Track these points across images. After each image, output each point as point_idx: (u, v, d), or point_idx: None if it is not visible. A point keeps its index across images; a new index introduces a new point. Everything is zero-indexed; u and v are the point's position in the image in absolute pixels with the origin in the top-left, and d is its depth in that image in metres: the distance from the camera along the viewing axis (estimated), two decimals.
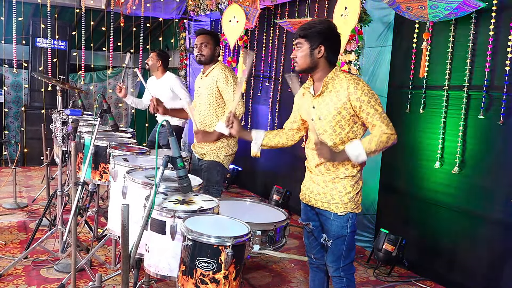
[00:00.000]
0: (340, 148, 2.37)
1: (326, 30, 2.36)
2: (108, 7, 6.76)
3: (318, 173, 2.49)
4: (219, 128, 3.35)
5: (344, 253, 2.46)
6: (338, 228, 2.43)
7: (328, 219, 2.45)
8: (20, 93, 7.65)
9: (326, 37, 2.35)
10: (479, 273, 3.42)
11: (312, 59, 2.36)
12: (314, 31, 2.35)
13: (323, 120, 2.39)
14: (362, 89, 2.29)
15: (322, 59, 2.37)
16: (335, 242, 2.44)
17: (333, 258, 2.48)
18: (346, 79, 2.33)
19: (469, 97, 3.48)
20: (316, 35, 2.34)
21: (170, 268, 2.13)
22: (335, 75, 2.37)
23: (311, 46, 2.35)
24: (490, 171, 3.36)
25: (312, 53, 2.35)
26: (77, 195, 2.70)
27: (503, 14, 3.25)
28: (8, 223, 4.49)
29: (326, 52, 2.35)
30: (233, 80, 3.42)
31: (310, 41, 2.34)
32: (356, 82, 2.31)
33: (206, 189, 3.51)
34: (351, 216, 2.43)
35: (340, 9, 4.14)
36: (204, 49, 3.48)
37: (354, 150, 2.30)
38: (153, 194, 2.02)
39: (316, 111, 2.42)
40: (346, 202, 2.40)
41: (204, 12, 6.87)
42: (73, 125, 3.31)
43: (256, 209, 2.80)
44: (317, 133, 2.42)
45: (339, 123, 2.35)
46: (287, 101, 5.69)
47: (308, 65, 2.38)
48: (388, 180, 4.28)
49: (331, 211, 2.43)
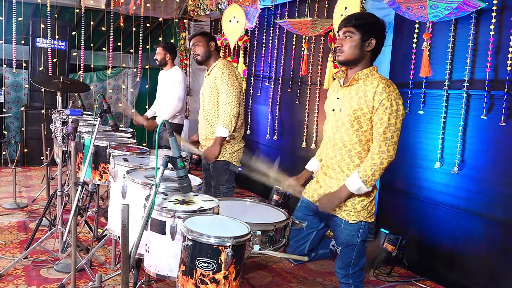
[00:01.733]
0: (357, 148, 2.29)
1: (379, 24, 2.28)
2: (108, 7, 6.76)
3: (332, 175, 2.39)
4: (219, 133, 3.40)
5: (354, 260, 2.37)
6: (348, 237, 2.33)
7: (339, 225, 2.35)
8: (20, 93, 7.65)
9: (378, 31, 2.27)
10: (479, 273, 3.42)
11: (361, 51, 2.26)
12: (369, 22, 2.26)
13: (343, 112, 2.30)
14: (389, 94, 2.19)
15: (368, 53, 2.28)
16: (345, 250, 2.36)
17: (342, 265, 2.40)
18: (380, 78, 2.25)
19: (469, 97, 3.48)
20: (370, 27, 2.25)
21: (170, 268, 2.13)
22: (370, 73, 2.28)
23: (362, 37, 2.24)
24: (490, 171, 3.36)
25: (362, 44, 2.25)
26: (77, 195, 2.70)
27: (503, 14, 3.25)
28: (8, 223, 4.48)
29: (375, 47, 2.27)
30: (228, 78, 3.42)
31: (363, 32, 2.24)
32: (387, 84, 2.22)
33: (217, 189, 3.52)
34: (363, 225, 2.33)
35: (340, 9, 4.14)
36: (197, 49, 3.56)
37: (353, 184, 2.25)
38: (153, 194, 2.02)
39: (339, 102, 2.33)
40: (359, 210, 2.31)
41: (204, 12, 6.87)
42: (73, 125, 3.30)
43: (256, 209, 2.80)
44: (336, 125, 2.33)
45: (358, 119, 2.26)
46: (287, 101, 5.69)
47: (355, 57, 2.27)
48: (388, 180, 4.27)
49: (342, 217, 2.33)
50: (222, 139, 3.41)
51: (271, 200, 5.30)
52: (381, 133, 2.21)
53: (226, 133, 3.40)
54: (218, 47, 3.67)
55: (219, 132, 3.41)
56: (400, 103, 2.23)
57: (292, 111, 5.59)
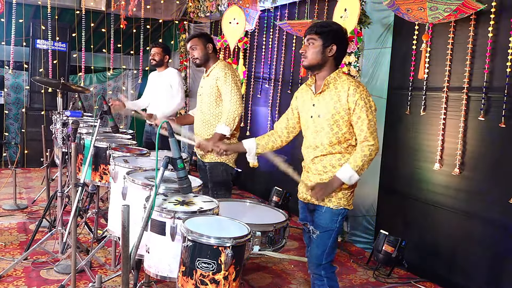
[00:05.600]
0: (336, 148, 2.43)
1: (340, 31, 2.46)
2: (108, 9, 6.77)
3: (315, 172, 2.51)
4: (220, 130, 3.37)
5: (328, 249, 2.47)
6: (327, 220, 2.45)
7: (319, 211, 2.48)
8: (20, 95, 7.66)
9: (339, 38, 2.44)
10: (479, 274, 3.42)
11: (323, 57, 2.42)
12: (329, 29, 2.42)
13: (321, 118, 2.44)
14: (361, 93, 2.37)
15: (331, 58, 2.44)
16: (322, 235, 2.46)
17: (317, 252, 2.48)
18: (348, 80, 2.41)
19: (468, 98, 3.49)
20: (331, 34, 2.41)
21: (170, 269, 2.14)
22: (337, 76, 2.44)
23: (323, 44, 2.41)
24: (489, 172, 3.37)
25: (324, 50, 2.41)
26: (77, 196, 2.70)
27: (502, 16, 3.26)
28: (8, 225, 4.49)
29: (337, 52, 2.43)
30: (232, 79, 3.41)
31: (324, 39, 2.41)
32: (357, 85, 2.39)
33: (214, 190, 3.51)
34: (342, 212, 2.47)
35: (340, 11, 4.15)
36: (194, 52, 3.52)
37: (345, 174, 2.38)
38: (153, 195, 2.03)
39: (316, 109, 2.48)
40: (340, 197, 2.45)
41: (204, 13, 6.88)
42: (73, 127, 3.31)
43: (256, 210, 2.81)
44: (315, 130, 2.46)
45: (337, 122, 2.41)
46: (287, 102, 5.68)
47: (317, 62, 2.44)
48: (388, 181, 4.28)
49: (324, 205, 2.46)
50: (222, 136, 3.39)
51: (271, 201, 5.31)
52: (365, 130, 2.37)
53: (227, 132, 3.37)
54: (216, 48, 3.66)
55: (221, 129, 3.37)
56: (371, 99, 2.41)
57: None
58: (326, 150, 2.45)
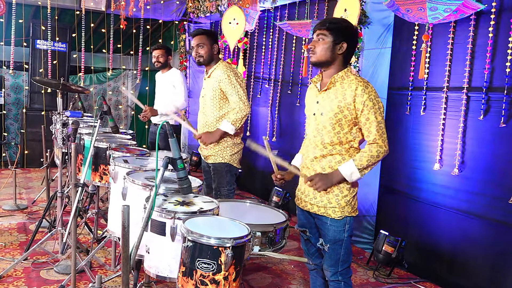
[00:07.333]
0: (336, 148, 2.37)
1: (351, 29, 2.38)
2: (108, 9, 6.78)
3: (313, 173, 2.44)
4: (224, 127, 3.34)
5: (342, 257, 2.42)
6: (335, 233, 2.39)
7: (325, 223, 2.41)
8: (20, 95, 7.66)
9: (350, 36, 2.36)
10: (479, 274, 3.42)
11: (332, 54, 2.34)
12: (341, 26, 2.34)
13: (324, 116, 2.37)
14: (369, 94, 2.28)
15: (340, 56, 2.36)
16: (333, 247, 2.41)
17: (331, 262, 2.43)
18: (356, 80, 2.32)
19: (468, 98, 3.49)
20: (342, 31, 2.34)
21: (170, 269, 2.14)
22: (345, 75, 2.36)
23: (334, 40, 2.32)
24: (489, 172, 3.37)
25: (333, 47, 2.33)
26: (77, 196, 2.70)
27: (502, 16, 3.26)
28: (8, 225, 4.49)
29: (347, 50, 2.35)
30: (236, 79, 3.39)
31: (335, 35, 2.32)
32: (365, 85, 2.30)
33: (218, 191, 3.50)
34: (348, 220, 2.40)
35: (340, 11, 4.15)
36: (201, 50, 3.45)
37: (347, 169, 2.31)
38: (154, 196, 2.03)
39: (319, 106, 2.41)
40: (343, 206, 2.38)
41: (204, 14, 6.88)
42: (73, 127, 3.31)
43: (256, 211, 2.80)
44: (317, 128, 2.40)
45: (340, 121, 2.33)
46: (287, 103, 5.70)
47: (326, 59, 2.35)
48: (388, 181, 4.28)
49: (328, 216, 2.39)
50: (225, 133, 3.37)
51: (271, 201, 5.31)
52: (374, 132, 2.29)
53: (232, 131, 3.34)
54: (220, 49, 3.65)
55: (225, 127, 3.33)
56: (379, 100, 2.33)
57: (292, 113, 5.59)
58: (326, 150, 2.38)
